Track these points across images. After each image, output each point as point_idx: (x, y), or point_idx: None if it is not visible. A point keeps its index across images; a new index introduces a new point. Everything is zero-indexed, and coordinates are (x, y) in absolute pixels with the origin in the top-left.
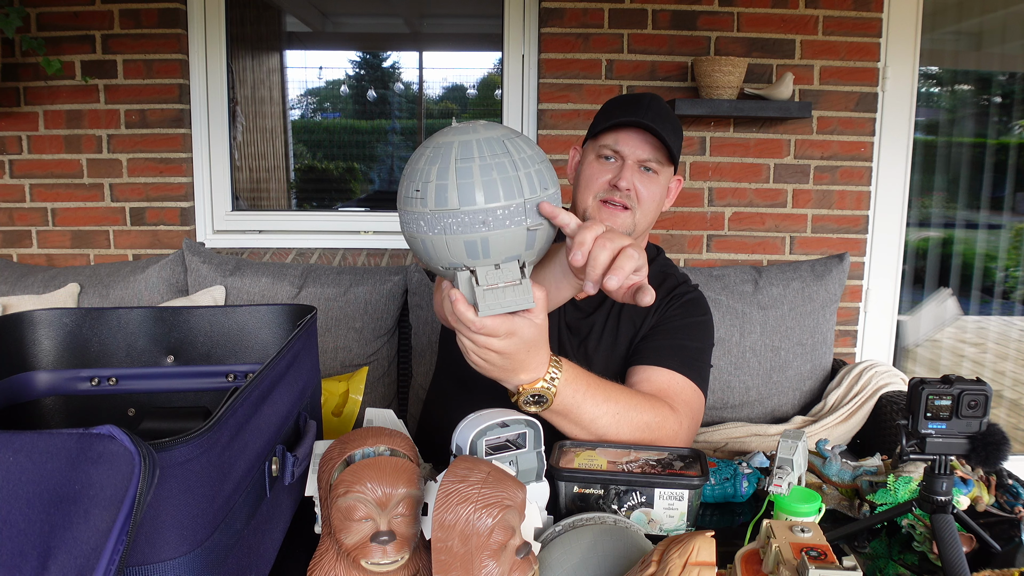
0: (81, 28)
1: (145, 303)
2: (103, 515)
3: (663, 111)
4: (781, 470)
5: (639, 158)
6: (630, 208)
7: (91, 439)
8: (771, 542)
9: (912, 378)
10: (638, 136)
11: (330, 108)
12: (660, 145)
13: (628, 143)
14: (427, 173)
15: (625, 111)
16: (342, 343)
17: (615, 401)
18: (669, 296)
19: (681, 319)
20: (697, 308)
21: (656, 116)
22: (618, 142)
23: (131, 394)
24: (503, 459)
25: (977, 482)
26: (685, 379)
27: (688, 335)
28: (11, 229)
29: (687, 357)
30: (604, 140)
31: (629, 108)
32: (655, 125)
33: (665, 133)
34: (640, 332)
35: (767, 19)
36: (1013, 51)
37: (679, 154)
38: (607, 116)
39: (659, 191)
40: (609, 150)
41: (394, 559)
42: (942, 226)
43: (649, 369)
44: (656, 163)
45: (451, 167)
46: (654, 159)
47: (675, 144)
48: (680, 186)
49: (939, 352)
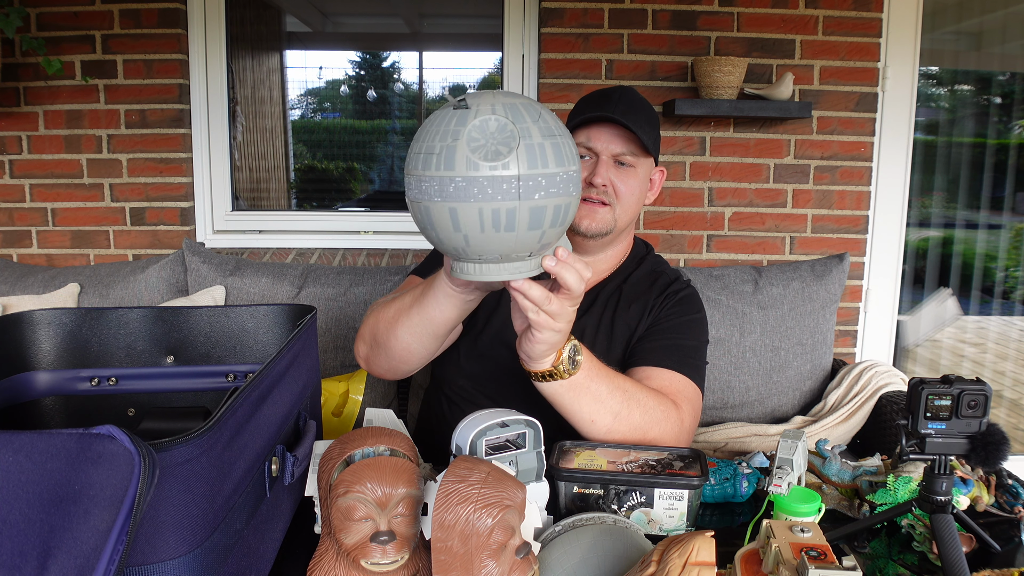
0: (81, 28)
1: (145, 303)
2: (103, 515)
3: (635, 102)
4: (781, 470)
5: (613, 153)
6: (609, 204)
7: (91, 439)
8: (771, 542)
9: (912, 378)
10: (610, 131)
11: (330, 108)
12: (633, 137)
13: (600, 138)
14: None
15: (594, 107)
16: (342, 343)
17: (624, 379)
18: (663, 295)
19: (677, 317)
20: (691, 305)
21: (627, 109)
22: (590, 139)
23: (131, 394)
24: (503, 459)
25: (977, 482)
26: (685, 378)
27: (684, 334)
28: (11, 229)
29: (684, 356)
30: (576, 138)
31: (599, 103)
32: (625, 119)
33: (637, 125)
34: (636, 333)
35: (767, 19)
36: (1013, 51)
37: (657, 145)
38: (577, 113)
39: (637, 184)
40: (582, 148)
41: (394, 559)
42: (942, 226)
43: (648, 370)
44: (631, 156)
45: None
46: (628, 152)
47: (649, 135)
48: (663, 177)
49: (939, 352)
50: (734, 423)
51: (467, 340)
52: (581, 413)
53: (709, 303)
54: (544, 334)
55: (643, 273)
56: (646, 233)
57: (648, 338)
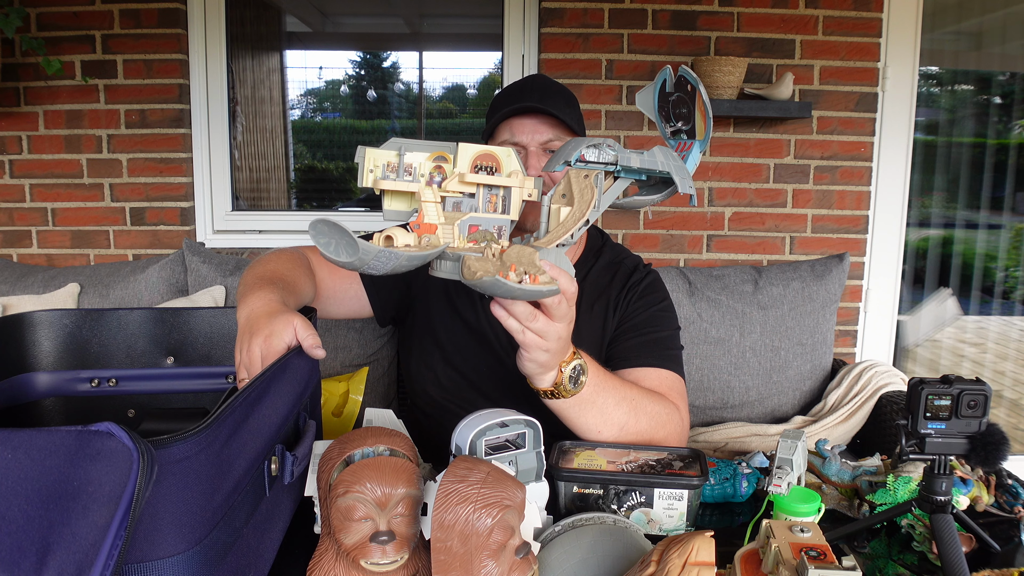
0: (81, 28)
1: (145, 303)
2: (101, 511)
3: (548, 87)
4: (781, 470)
5: (539, 142)
6: (548, 194)
7: (89, 436)
8: (770, 542)
9: (912, 378)
10: (532, 121)
11: (330, 108)
12: (557, 122)
13: (523, 130)
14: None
15: (510, 100)
16: (342, 343)
17: (629, 388)
18: (625, 288)
19: (645, 310)
20: (656, 294)
21: (543, 95)
22: (514, 133)
23: (131, 395)
24: (503, 459)
25: (976, 482)
26: (671, 373)
27: (656, 326)
28: (11, 229)
29: (663, 349)
30: (500, 136)
31: (514, 96)
32: (543, 104)
33: (557, 108)
34: (607, 334)
35: (767, 19)
36: (1013, 51)
37: (582, 125)
38: (494, 112)
39: None
40: (508, 143)
41: (394, 559)
42: (942, 226)
43: (634, 372)
44: (558, 140)
45: None
46: (555, 137)
47: (571, 116)
48: None
49: (939, 352)
50: (734, 423)
51: (438, 358)
52: (587, 425)
53: (709, 303)
54: (534, 353)
55: (602, 266)
56: (646, 233)
57: (622, 337)
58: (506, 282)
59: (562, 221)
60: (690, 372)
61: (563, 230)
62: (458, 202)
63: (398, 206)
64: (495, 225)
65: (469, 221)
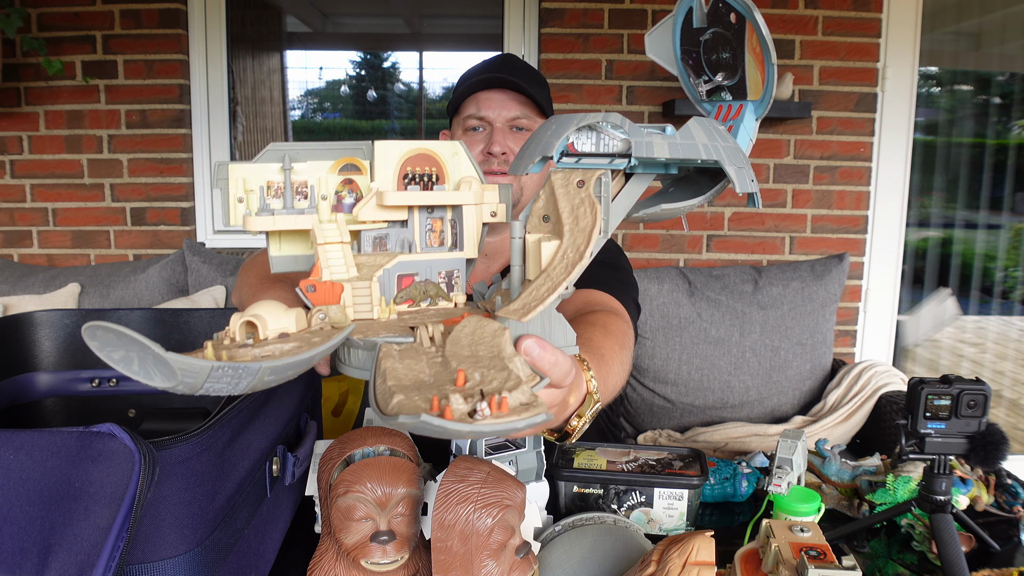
0: (82, 28)
1: (146, 303)
2: (103, 512)
3: (519, 65)
4: (781, 470)
5: (506, 118)
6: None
7: (91, 437)
8: (770, 542)
9: (911, 378)
10: (500, 95)
11: (330, 108)
12: (525, 100)
13: (491, 105)
14: None
15: (478, 74)
16: None
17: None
18: None
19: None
20: (609, 252)
21: (513, 70)
22: (480, 107)
23: (132, 395)
24: (503, 459)
25: (976, 482)
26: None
27: (604, 264)
28: (12, 229)
29: (609, 271)
30: (467, 111)
31: (482, 70)
32: (513, 77)
33: (524, 83)
34: None
35: (767, 19)
36: (1013, 51)
37: (550, 106)
38: (461, 84)
39: None
40: (474, 119)
41: (394, 559)
42: (942, 226)
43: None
44: (526, 119)
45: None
46: (523, 115)
47: (541, 94)
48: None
49: (938, 352)
50: (734, 423)
51: None
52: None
53: (709, 303)
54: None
55: None
56: (645, 233)
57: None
58: (444, 423)
59: (545, 268)
60: (690, 372)
61: (549, 284)
62: (382, 236)
63: (292, 249)
64: (441, 270)
65: (396, 270)
